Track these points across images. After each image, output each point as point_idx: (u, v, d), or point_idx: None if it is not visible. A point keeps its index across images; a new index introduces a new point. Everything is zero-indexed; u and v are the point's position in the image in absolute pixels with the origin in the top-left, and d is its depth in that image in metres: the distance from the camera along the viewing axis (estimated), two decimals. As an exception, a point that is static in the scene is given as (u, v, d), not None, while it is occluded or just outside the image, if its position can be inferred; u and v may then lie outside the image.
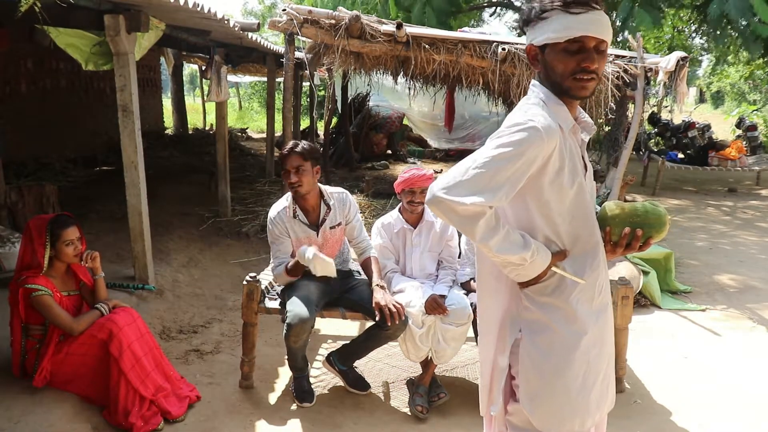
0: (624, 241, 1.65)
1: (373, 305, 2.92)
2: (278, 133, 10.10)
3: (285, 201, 3.13)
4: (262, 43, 7.18)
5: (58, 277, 2.85)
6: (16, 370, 2.84)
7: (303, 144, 3.00)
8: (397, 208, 3.35)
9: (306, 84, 12.24)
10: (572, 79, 1.56)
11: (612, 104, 5.14)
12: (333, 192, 3.20)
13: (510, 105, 8.34)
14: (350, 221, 3.22)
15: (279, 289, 3.26)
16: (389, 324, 2.87)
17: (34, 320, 2.78)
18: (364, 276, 3.26)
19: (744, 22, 8.00)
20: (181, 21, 4.67)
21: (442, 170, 11.59)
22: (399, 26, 4.85)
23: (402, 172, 3.24)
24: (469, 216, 1.45)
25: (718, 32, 8.86)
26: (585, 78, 1.55)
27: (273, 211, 3.11)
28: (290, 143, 3.01)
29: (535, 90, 1.65)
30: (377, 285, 3.03)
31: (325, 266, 2.85)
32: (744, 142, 11.70)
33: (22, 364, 2.82)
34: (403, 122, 13.50)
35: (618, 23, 8.90)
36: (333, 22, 4.81)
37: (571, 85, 1.57)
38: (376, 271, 3.14)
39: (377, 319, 2.92)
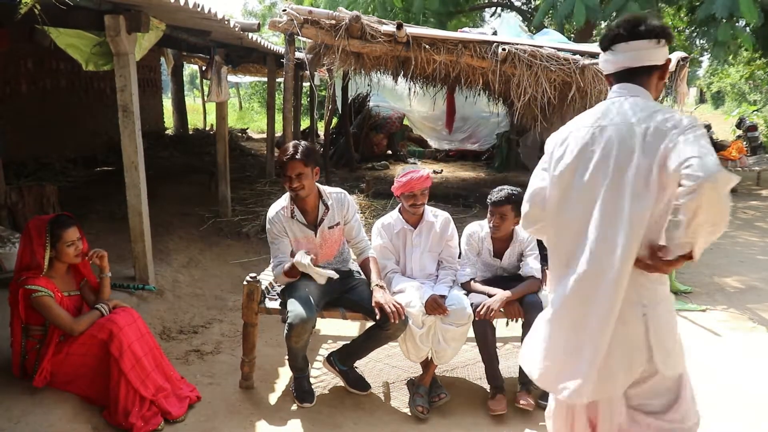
0: None
1: (373, 304, 2.93)
2: (278, 133, 10.10)
3: (283, 201, 3.13)
4: (262, 44, 7.18)
5: (59, 278, 2.85)
6: (16, 371, 2.83)
7: (302, 148, 2.96)
8: (397, 208, 3.35)
9: (306, 84, 12.25)
10: None
11: None
12: (331, 192, 3.19)
13: (510, 105, 8.33)
14: (348, 221, 3.22)
15: (279, 289, 3.26)
16: (390, 322, 2.87)
17: (35, 321, 2.78)
18: (364, 276, 3.26)
19: (728, 19, 7.97)
20: (182, 21, 4.67)
21: (442, 170, 11.59)
22: (399, 26, 4.85)
23: (398, 175, 3.21)
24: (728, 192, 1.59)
25: (704, 32, 8.85)
26: None
27: (271, 211, 3.12)
28: (290, 149, 2.97)
29: (649, 95, 1.87)
30: (377, 285, 3.03)
31: (321, 275, 2.89)
32: (744, 143, 11.70)
33: (22, 365, 2.82)
34: (404, 122, 13.51)
35: (605, 24, 8.86)
36: (333, 22, 4.81)
37: None
38: (375, 271, 3.14)
39: (377, 318, 2.92)
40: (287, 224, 3.08)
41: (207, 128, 16.08)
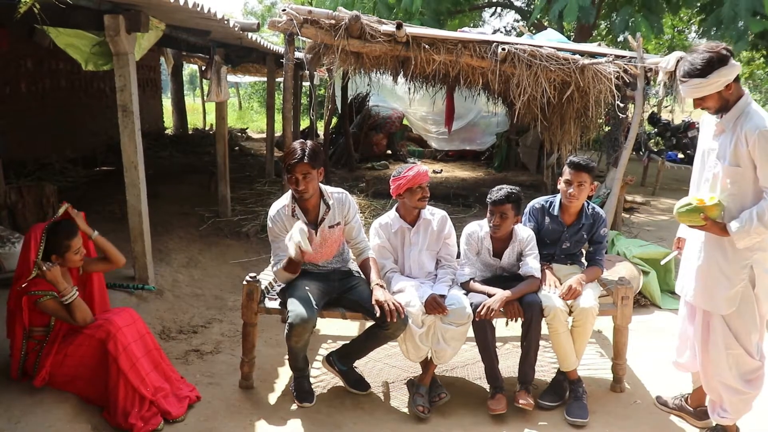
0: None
1: (373, 302, 2.93)
2: (278, 133, 10.10)
3: (285, 199, 3.13)
4: (261, 44, 7.18)
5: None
6: (14, 374, 2.82)
7: (309, 150, 2.93)
8: (394, 208, 3.34)
9: (306, 84, 12.25)
10: None
11: (618, 102, 5.11)
12: (333, 192, 3.20)
13: (510, 105, 8.34)
14: (349, 222, 3.22)
15: (279, 289, 3.26)
16: (389, 320, 2.87)
17: (38, 323, 2.77)
18: (363, 276, 3.25)
19: (741, 22, 8.03)
20: (181, 21, 4.67)
21: (441, 170, 11.59)
22: (399, 26, 4.84)
23: (397, 174, 3.18)
24: None
25: (719, 32, 8.88)
26: None
27: (273, 209, 3.12)
28: (297, 151, 2.93)
29: None
30: (377, 284, 3.03)
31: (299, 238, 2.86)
32: (744, 142, 11.65)
33: (22, 366, 2.81)
34: (403, 122, 13.50)
35: (609, 31, 8.85)
36: (333, 22, 4.80)
37: None
38: (374, 271, 3.14)
39: (377, 315, 2.92)
40: (288, 222, 3.08)
41: (207, 128, 16.07)
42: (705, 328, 2.73)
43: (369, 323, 3.15)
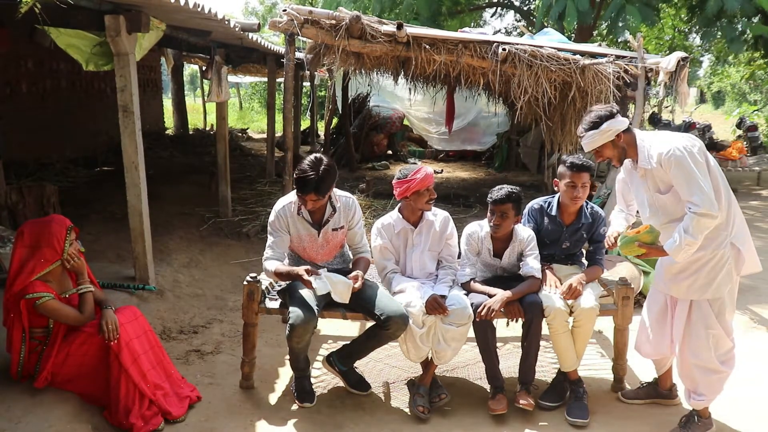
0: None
1: (355, 274, 3.01)
2: (279, 133, 10.11)
3: (292, 196, 3.13)
4: (262, 44, 7.19)
5: (55, 281, 2.80)
6: (14, 375, 2.81)
7: (320, 179, 2.88)
8: (397, 208, 3.34)
9: (306, 84, 12.26)
10: None
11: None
12: (341, 195, 3.20)
13: (511, 105, 8.33)
14: (353, 227, 3.23)
15: (279, 289, 3.26)
16: (390, 322, 2.92)
17: (38, 324, 2.76)
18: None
19: (736, 21, 8.01)
20: (182, 21, 4.67)
21: (442, 170, 11.58)
22: (399, 27, 4.84)
23: (403, 175, 3.14)
24: None
25: (708, 29, 8.84)
26: None
27: (279, 204, 3.13)
28: (310, 178, 2.86)
29: None
30: (360, 272, 3.09)
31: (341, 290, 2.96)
32: (744, 143, 11.70)
33: (22, 366, 2.80)
34: (404, 122, 13.50)
35: (606, 24, 8.82)
36: (333, 22, 4.81)
37: None
38: (363, 266, 3.22)
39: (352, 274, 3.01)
40: (292, 220, 3.09)
41: (207, 128, 16.08)
42: (689, 314, 2.81)
43: (369, 323, 3.16)
